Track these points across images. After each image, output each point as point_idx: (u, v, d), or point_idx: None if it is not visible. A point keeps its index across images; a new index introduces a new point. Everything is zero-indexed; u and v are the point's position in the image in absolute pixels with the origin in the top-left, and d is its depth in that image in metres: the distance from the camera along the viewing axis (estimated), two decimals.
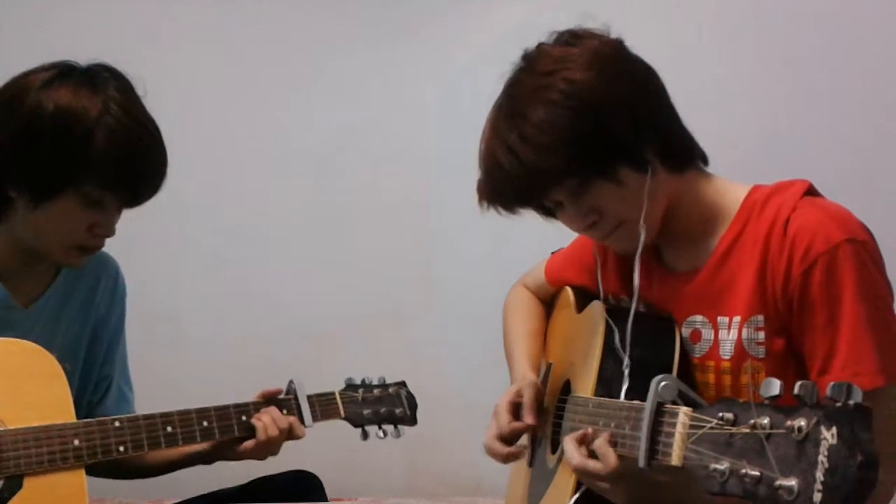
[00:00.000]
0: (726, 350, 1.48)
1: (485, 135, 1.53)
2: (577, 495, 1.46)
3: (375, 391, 1.95)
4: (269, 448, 1.76)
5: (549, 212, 1.57)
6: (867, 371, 1.36)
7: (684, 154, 1.54)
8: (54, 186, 1.59)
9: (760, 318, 1.45)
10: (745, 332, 1.46)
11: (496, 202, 1.53)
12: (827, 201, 1.48)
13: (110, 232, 1.68)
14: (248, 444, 1.75)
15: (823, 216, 1.42)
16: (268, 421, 1.75)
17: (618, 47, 1.50)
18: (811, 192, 1.49)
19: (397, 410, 1.95)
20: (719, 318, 1.49)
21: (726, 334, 1.48)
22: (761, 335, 1.45)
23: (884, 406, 1.34)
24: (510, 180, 1.46)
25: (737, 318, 1.47)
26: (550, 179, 1.45)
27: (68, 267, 1.74)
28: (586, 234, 1.57)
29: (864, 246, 1.40)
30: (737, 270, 1.48)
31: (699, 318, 1.52)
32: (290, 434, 1.77)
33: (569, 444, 1.41)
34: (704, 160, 1.57)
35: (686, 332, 1.54)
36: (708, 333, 1.51)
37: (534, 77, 1.47)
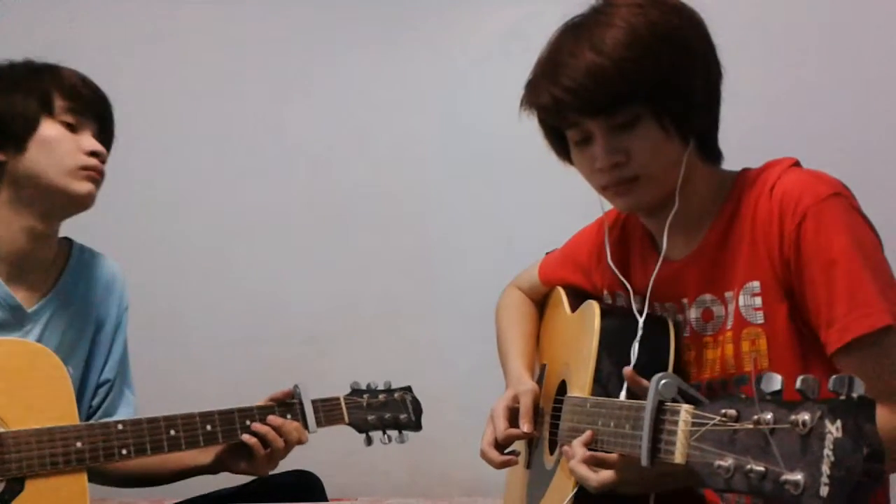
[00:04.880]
0: (730, 321, 1.50)
1: (560, 38, 1.51)
2: (573, 492, 1.47)
3: (380, 396, 1.94)
4: (270, 462, 1.77)
5: (562, 149, 1.57)
6: (873, 311, 1.36)
7: (716, 145, 1.57)
8: (29, 121, 1.69)
9: (756, 283, 1.47)
10: (741, 299, 1.48)
11: (553, 101, 1.48)
12: (809, 169, 1.51)
13: (101, 147, 1.74)
14: (245, 463, 1.77)
15: (806, 176, 1.46)
16: (266, 431, 1.75)
17: (702, 20, 1.53)
18: (797, 166, 1.53)
19: (402, 416, 1.94)
20: (726, 294, 1.51)
21: (733, 307, 1.50)
22: (758, 301, 1.46)
23: (893, 346, 1.36)
24: (592, 76, 1.43)
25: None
26: (630, 85, 1.43)
27: (84, 199, 1.74)
28: (596, 177, 1.53)
29: (849, 200, 1.43)
30: (736, 245, 1.50)
31: (708, 296, 1.54)
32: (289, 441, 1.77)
33: (578, 468, 1.41)
34: (722, 159, 1.60)
35: (697, 312, 1.55)
36: (719, 310, 1.52)
37: (626, 6, 1.47)
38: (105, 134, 1.79)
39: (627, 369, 1.40)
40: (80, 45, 1.71)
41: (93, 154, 1.72)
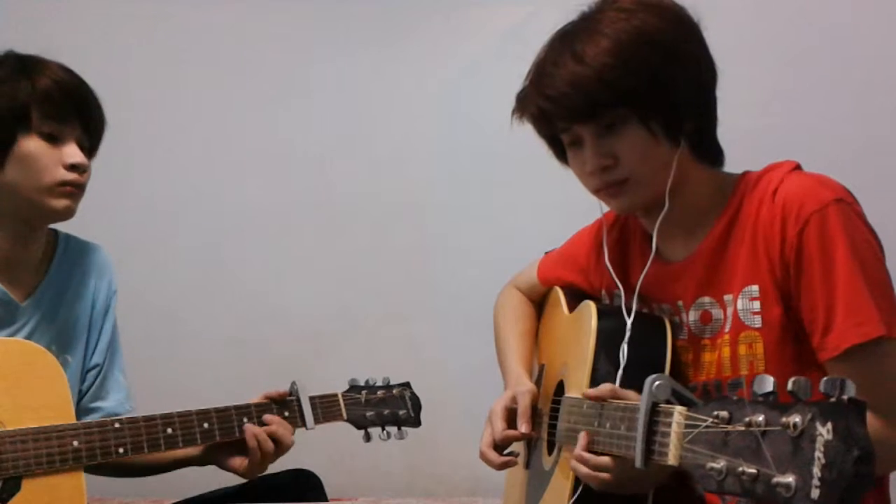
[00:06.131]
0: (728, 324, 1.50)
1: (548, 48, 1.53)
2: (575, 496, 1.47)
3: (379, 392, 1.93)
4: (261, 466, 1.76)
5: (561, 152, 1.58)
6: (868, 320, 1.37)
7: (712, 145, 1.56)
8: (5, 139, 1.64)
9: (755, 287, 1.47)
10: (739, 302, 1.48)
11: (538, 110, 1.51)
12: (812, 173, 1.51)
13: (81, 159, 1.69)
14: (237, 461, 1.75)
15: (810, 181, 1.46)
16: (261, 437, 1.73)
17: (694, 21, 1.53)
18: (798, 169, 1.53)
19: (401, 412, 1.94)
20: (725, 297, 1.51)
21: (731, 311, 1.50)
22: (756, 305, 1.47)
23: (885, 356, 1.37)
24: (573, 84, 1.45)
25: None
26: (611, 90, 1.44)
27: (62, 214, 1.72)
28: (588, 180, 1.55)
29: (851, 206, 1.43)
30: (736, 248, 1.50)
31: (707, 299, 1.54)
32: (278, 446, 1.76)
33: (579, 468, 1.42)
34: (722, 159, 1.59)
35: (695, 314, 1.55)
36: (718, 313, 1.52)
37: (615, 11, 1.49)
38: (91, 131, 1.74)
39: (586, 391, 1.43)
40: (81, 45, 1.69)
41: (73, 167, 1.68)
